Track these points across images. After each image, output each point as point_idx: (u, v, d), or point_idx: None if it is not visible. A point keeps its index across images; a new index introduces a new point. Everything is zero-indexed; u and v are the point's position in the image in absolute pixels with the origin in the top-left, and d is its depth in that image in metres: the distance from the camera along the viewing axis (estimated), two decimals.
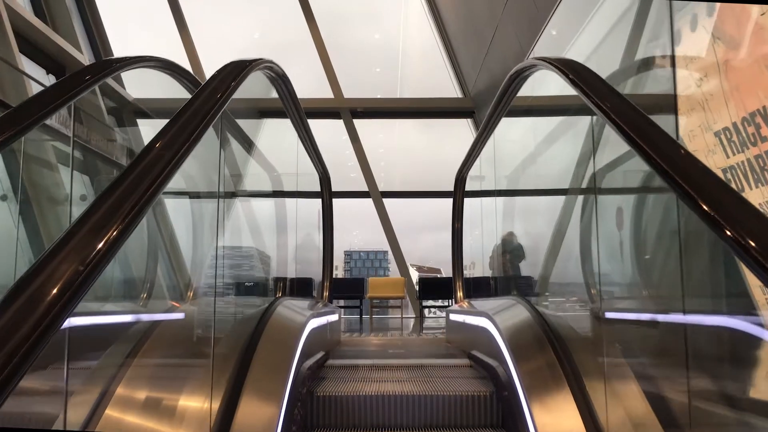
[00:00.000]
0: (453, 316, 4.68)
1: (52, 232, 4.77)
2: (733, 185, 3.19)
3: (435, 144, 16.27)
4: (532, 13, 9.50)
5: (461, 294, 4.59)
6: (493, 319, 3.34)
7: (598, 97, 2.09)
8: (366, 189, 14.25)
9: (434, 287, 13.21)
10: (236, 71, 2.36)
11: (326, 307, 4.78)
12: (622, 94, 2.09)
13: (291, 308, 3.38)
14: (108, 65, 2.81)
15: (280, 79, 3.72)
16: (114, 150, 7.28)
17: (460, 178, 4.48)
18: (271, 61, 3.07)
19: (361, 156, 14.23)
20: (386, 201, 14.39)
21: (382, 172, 14.92)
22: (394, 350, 5.22)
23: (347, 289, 12.54)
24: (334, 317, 4.64)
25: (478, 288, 6.10)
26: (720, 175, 3.64)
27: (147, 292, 3.99)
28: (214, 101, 2.01)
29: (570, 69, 2.31)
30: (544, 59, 2.60)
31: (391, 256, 14.14)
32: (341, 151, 14.70)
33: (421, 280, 13.08)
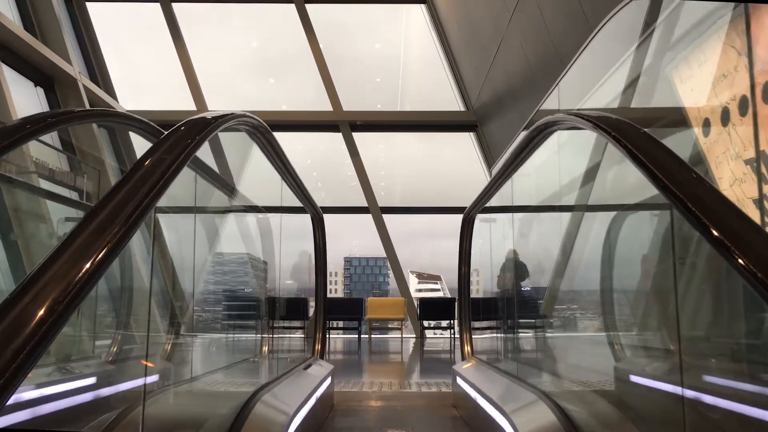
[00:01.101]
0: (462, 384, 4.09)
1: None
2: None
3: (436, 158, 15.87)
4: (540, 26, 9.11)
5: (468, 349, 4.06)
6: (512, 422, 2.73)
7: (657, 169, 1.68)
8: (365, 204, 13.85)
9: (435, 308, 12.79)
10: (189, 136, 1.76)
11: (318, 366, 4.25)
12: (685, 165, 1.69)
13: (272, 406, 2.81)
14: (42, 122, 2.36)
15: (257, 132, 3.22)
16: None
17: (468, 219, 4.06)
18: (244, 115, 2.48)
19: (360, 170, 13.84)
20: (386, 215, 14.00)
21: (382, 186, 14.52)
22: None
23: (346, 311, 12.13)
24: (326, 383, 4.06)
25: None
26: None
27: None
28: (151, 186, 1.51)
29: (615, 129, 1.89)
30: (579, 115, 2.20)
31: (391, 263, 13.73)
32: (340, 165, 14.31)
33: (421, 301, 12.66)
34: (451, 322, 12.37)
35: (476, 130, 14.11)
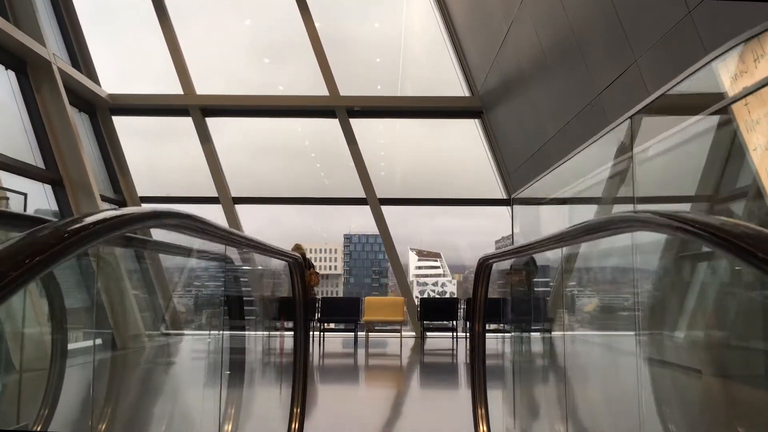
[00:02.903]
0: None
1: None
2: None
3: (439, 146, 15.03)
4: (556, 8, 8.25)
5: (484, 429, 3.25)
6: None
7: None
8: (363, 196, 13.05)
9: (436, 308, 12.06)
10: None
11: None
12: None
13: None
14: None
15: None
16: None
17: (485, 264, 3.26)
18: (171, 214, 1.47)
19: (358, 159, 13.01)
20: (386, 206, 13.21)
21: (382, 176, 13.71)
22: None
23: (342, 311, 11.39)
24: None
25: None
26: None
27: None
28: None
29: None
30: (653, 219, 1.42)
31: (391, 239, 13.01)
32: (340, 150, 13.47)
33: (422, 301, 11.91)
34: (454, 323, 11.67)
35: (481, 117, 13.26)
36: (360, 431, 5.45)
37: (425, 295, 50.95)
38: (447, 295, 51.41)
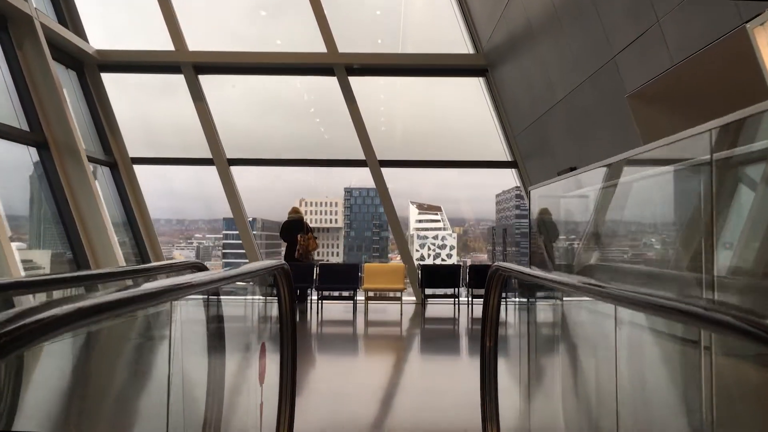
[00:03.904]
0: None
1: None
2: None
3: (441, 106, 14.49)
4: None
5: None
6: None
7: None
8: (363, 157, 12.60)
9: (437, 275, 11.71)
10: None
11: None
12: None
13: None
14: None
15: None
16: None
17: (498, 274, 2.85)
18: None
19: (357, 119, 12.51)
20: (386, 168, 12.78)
21: (382, 136, 13.22)
22: None
23: (340, 279, 11.05)
24: None
25: None
26: None
27: None
28: None
29: None
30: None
31: (391, 191, 12.66)
32: (336, 111, 12.96)
33: (423, 268, 11.55)
34: (456, 290, 11.35)
35: (486, 75, 12.70)
36: (356, 412, 5.17)
37: (425, 249, 50.86)
38: (447, 249, 51.29)
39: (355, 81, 12.58)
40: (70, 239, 10.20)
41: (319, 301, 10.97)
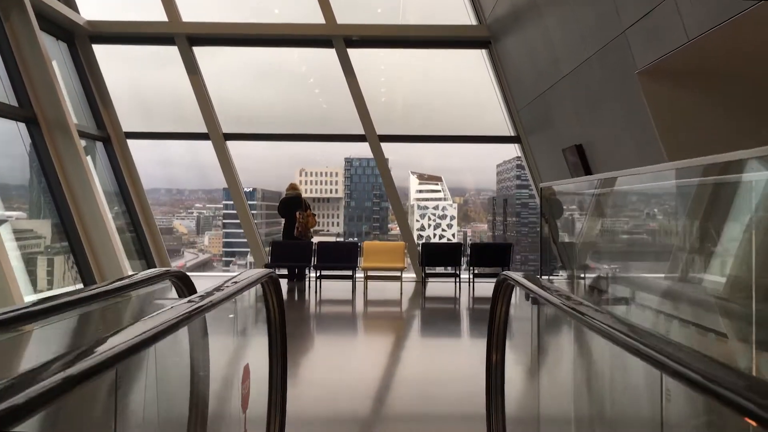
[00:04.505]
0: None
1: None
2: None
3: (443, 78, 14.13)
4: None
5: None
6: None
7: None
8: (362, 132, 12.29)
9: (438, 253, 11.50)
10: None
11: None
12: None
13: None
14: None
15: None
16: None
17: (506, 284, 2.60)
18: None
19: (356, 93, 12.17)
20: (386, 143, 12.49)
21: (382, 108, 12.90)
22: None
23: (338, 257, 10.81)
24: None
25: None
26: None
27: None
28: None
29: None
30: None
31: (391, 162, 12.43)
32: (335, 85, 12.62)
33: (424, 246, 11.32)
34: (457, 268, 11.14)
35: (489, 47, 12.33)
36: (354, 394, 5.03)
37: (425, 220, 50.64)
38: (447, 219, 50.98)
39: (354, 53, 12.21)
40: (62, 217, 9.95)
41: (318, 280, 10.76)
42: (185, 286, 2.63)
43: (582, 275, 6.64)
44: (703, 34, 5.61)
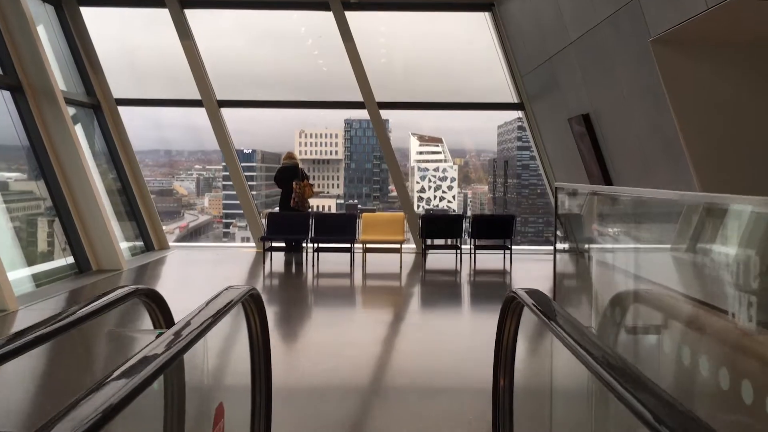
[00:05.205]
0: None
1: None
2: None
3: (444, 42, 13.67)
4: None
5: None
6: None
7: None
8: (360, 99, 11.89)
9: (439, 225, 11.21)
10: None
11: None
12: None
13: None
14: None
15: None
16: None
17: (514, 303, 2.30)
18: None
19: (354, 59, 11.73)
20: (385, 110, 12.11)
21: (381, 74, 12.49)
22: None
23: (336, 230, 10.52)
24: None
25: None
26: None
27: None
28: None
29: None
30: None
31: (392, 124, 12.11)
32: (332, 48, 12.18)
33: (424, 217, 11.02)
34: (457, 240, 10.86)
35: (492, 9, 11.84)
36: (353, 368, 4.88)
37: (426, 182, 50.27)
38: (447, 181, 50.86)
39: (352, 17, 11.74)
40: (50, 186, 9.63)
41: (315, 253, 10.48)
42: (156, 305, 2.34)
43: (587, 246, 6.32)
44: (724, 1, 5.23)
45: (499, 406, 2.44)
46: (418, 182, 50.34)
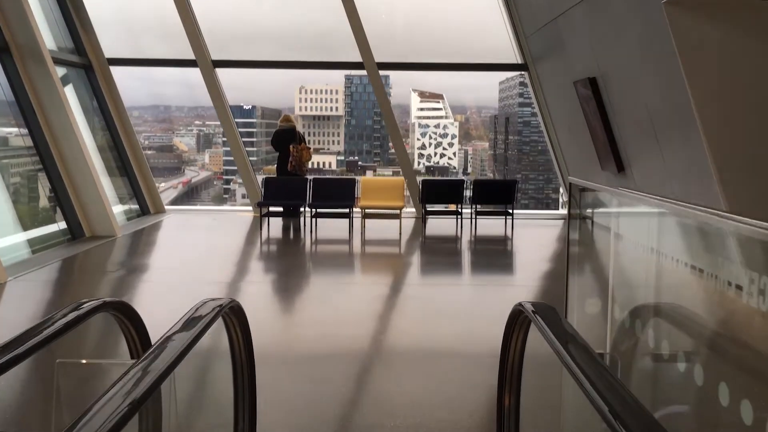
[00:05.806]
0: None
1: None
2: None
3: (446, 4, 13.26)
4: None
5: None
6: None
7: None
8: (359, 59, 11.54)
9: (439, 190, 11.00)
10: None
11: None
12: None
13: None
14: None
15: None
16: None
17: (520, 317, 2.09)
18: None
19: (353, 16, 11.33)
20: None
21: (381, 33, 12.11)
22: None
23: (335, 195, 10.29)
24: None
25: None
26: None
27: None
28: None
29: None
30: None
31: (392, 80, 11.86)
32: (332, 4, 11.77)
33: (424, 183, 10.78)
34: (459, 206, 10.66)
35: None
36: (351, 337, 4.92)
37: (426, 138, 49.93)
38: (448, 138, 50.30)
39: None
40: (39, 151, 9.37)
41: (313, 219, 10.28)
42: (127, 318, 2.13)
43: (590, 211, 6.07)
44: None
45: (504, 427, 2.25)
46: (418, 139, 49.91)
